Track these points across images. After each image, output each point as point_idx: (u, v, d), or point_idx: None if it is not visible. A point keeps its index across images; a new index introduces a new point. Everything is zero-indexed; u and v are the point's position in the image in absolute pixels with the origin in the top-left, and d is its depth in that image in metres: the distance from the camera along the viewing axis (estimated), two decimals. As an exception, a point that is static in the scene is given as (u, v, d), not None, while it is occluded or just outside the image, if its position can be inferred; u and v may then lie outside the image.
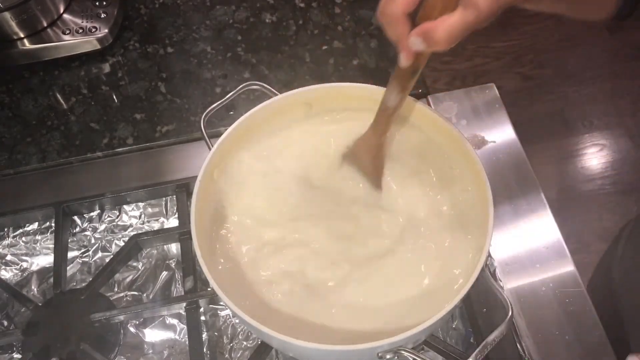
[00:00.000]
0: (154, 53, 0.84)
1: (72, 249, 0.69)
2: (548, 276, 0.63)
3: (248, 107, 0.58)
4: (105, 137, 0.76)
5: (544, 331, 0.60)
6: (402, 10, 0.43)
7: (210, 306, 0.64)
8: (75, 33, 0.80)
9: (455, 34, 0.41)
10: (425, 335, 0.53)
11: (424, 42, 0.42)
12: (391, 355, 0.46)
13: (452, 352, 0.56)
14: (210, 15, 0.87)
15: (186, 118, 0.78)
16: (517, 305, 0.61)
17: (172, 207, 0.71)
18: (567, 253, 0.64)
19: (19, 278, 0.68)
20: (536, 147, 1.57)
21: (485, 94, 0.77)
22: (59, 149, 0.75)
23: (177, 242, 0.68)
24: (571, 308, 0.61)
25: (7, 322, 0.65)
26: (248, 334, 0.63)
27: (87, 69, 0.83)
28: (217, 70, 0.82)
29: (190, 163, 0.73)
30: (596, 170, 1.74)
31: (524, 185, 0.69)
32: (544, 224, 0.66)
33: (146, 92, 0.80)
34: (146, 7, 0.88)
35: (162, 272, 0.67)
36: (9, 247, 0.69)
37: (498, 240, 0.65)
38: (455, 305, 0.46)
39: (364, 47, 0.82)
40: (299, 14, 0.87)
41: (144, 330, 0.64)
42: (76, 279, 0.67)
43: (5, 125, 0.78)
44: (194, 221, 0.51)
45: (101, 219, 0.71)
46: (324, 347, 0.45)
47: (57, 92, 0.81)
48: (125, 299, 0.66)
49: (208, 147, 0.57)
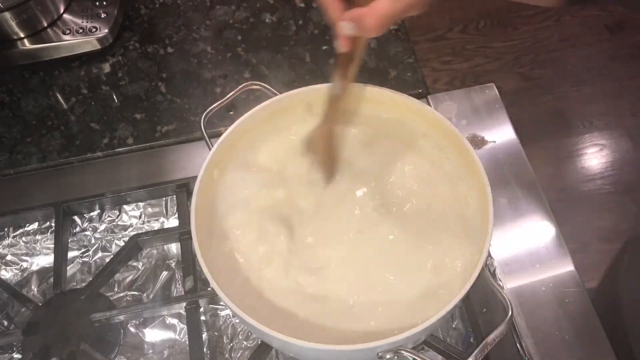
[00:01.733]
0: (154, 53, 0.84)
1: (72, 249, 0.69)
2: (548, 276, 0.63)
3: (248, 107, 0.58)
4: (105, 137, 0.76)
5: (544, 331, 0.60)
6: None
7: (210, 306, 0.64)
8: (75, 33, 0.80)
9: (384, 21, 0.42)
10: (425, 335, 0.53)
11: (354, 28, 0.43)
12: (391, 355, 0.46)
13: (452, 352, 0.56)
14: (210, 15, 0.87)
15: (186, 118, 0.78)
16: (517, 305, 0.61)
17: (172, 207, 0.71)
18: (567, 253, 0.64)
19: (19, 278, 0.68)
20: (536, 147, 1.57)
21: (485, 94, 0.77)
22: (59, 149, 0.75)
23: (177, 242, 0.68)
24: (571, 308, 0.61)
25: (7, 322, 0.65)
26: (248, 334, 0.63)
27: (87, 69, 0.83)
28: (217, 70, 0.82)
29: (190, 163, 0.73)
30: (596, 170, 1.73)
31: (524, 186, 0.69)
32: (544, 224, 0.66)
33: (146, 92, 0.80)
34: (146, 7, 0.88)
35: (162, 272, 0.67)
36: (9, 247, 0.69)
37: (498, 240, 0.65)
38: (455, 305, 0.46)
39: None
40: (299, 14, 0.87)
41: (144, 330, 0.64)
42: (76, 279, 0.67)
43: (5, 125, 0.78)
44: (194, 221, 0.51)
45: (101, 219, 0.71)
46: (324, 347, 0.45)
47: (57, 92, 0.81)
48: (125, 299, 0.66)
49: (208, 147, 0.58)
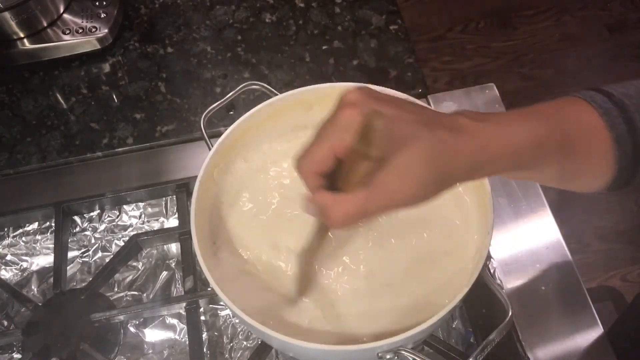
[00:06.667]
0: (154, 53, 0.84)
1: (72, 249, 0.69)
2: (548, 276, 0.63)
3: (248, 107, 0.58)
4: (105, 137, 0.76)
5: (544, 331, 0.60)
6: (309, 169, 0.40)
7: (210, 306, 0.64)
8: (75, 33, 0.80)
9: (347, 220, 0.37)
10: (425, 335, 0.53)
11: (318, 214, 0.40)
12: (391, 355, 0.46)
13: (452, 352, 0.56)
14: (210, 15, 0.87)
15: (186, 118, 0.78)
16: (517, 305, 0.61)
17: (172, 207, 0.71)
18: (567, 253, 0.64)
19: (19, 278, 0.68)
20: (536, 147, 1.57)
21: (485, 94, 0.77)
22: (59, 149, 0.75)
23: (177, 242, 0.68)
24: (571, 308, 0.61)
25: (7, 322, 0.65)
26: (248, 334, 0.63)
27: (87, 69, 0.83)
28: (217, 70, 0.82)
29: (190, 163, 0.73)
30: (596, 170, 1.73)
31: (524, 185, 0.69)
32: (544, 224, 0.66)
33: (146, 92, 0.80)
34: (146, 7, 0.88)
35: (162, 272, 0.67)
36: (9, 247, 0.69)
37: (498, 240, 0.65)
38: (455, 305, 0.46)
39: (363, 47, 0.82)
40: (299, 14, 0.87)
41: (144, 330, 0.64)
42: (76, 279, 0.67)
43: (5, 125, 0.78)
44: (194, 221, 0.51)
45: (101, 219, 0.71)
46: (324, 347, 0.45)
47: (57, 92, 0.81)
48: (125, 299, 0.66)
49: (208, 147, 0.57)
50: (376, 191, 0.36)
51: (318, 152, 0.39)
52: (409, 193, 0.36)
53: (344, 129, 0.37)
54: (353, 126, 0.36)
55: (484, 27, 2.01)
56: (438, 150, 0.35)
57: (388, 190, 0.35)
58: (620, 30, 2.00)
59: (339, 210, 0.37)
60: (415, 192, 0.36)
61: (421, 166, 0.35)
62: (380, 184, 0.35)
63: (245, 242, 0.56)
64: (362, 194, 0.36)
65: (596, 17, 2.03)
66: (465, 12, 2.03)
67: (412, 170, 0.35)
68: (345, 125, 0.37)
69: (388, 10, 0.85)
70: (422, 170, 0.35)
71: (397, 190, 0.35)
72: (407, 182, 0.35)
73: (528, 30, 2.02)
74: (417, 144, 0.35)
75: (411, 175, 0.35)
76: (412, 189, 0.35)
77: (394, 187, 0.35)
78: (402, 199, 0.36)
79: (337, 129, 0.38)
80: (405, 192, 0.35)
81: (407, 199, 0.36)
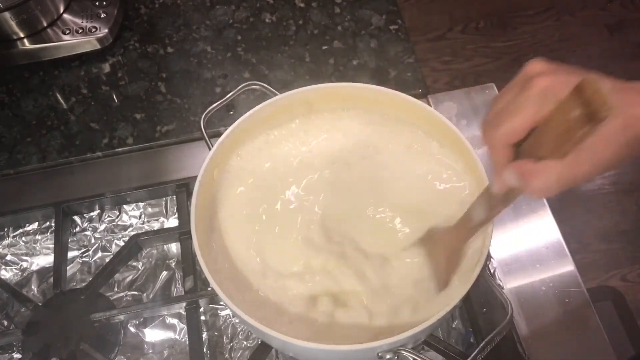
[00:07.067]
0: (154, 53, 0.84)
1: (72, 249, 0.69)
2: (548, 276, 0.63)
3: (248, 107, 0.58)
4: (105, 137, 0.76)
5: (544, 331, 0.60)
6: (505, 141, 0.38)
7: (210, 306, 0.64)
8: (75, 33, 0.80)
9: (552, 187, 0.36)
10: (425, 335, 0.53)
11: (519, 182, 0.38)
12: (391, 355, 0.46)
13: (452, 352, 0.56)
14: (210, 15, 0.87)
15: (186, 118, 0.78)
16: (517, 305, 0.61)
17: (172, 207, 0.71)
18: (567, 253, 0.64)
19: (19, 278, 0.68)
20: (536, 147, 1.57)
21: (485, 94, 0.77)
22: (59, 149, 0.75)
23: (177, 242, 0.68)
24: (571, 308, 0.61)
25: (7, 322, 0.65)
26: (248, 334, 0.63)
27: (87, 69, 0.83)
28: (217, 70, 0.82)
29: (190, 163, 0.73)
30: (596, 170, 1.73)
31: (524, 185, 0.69)
32: (544, 224, 0.66)
33: (146, 92, 0.80)
34: (146, 7, 0.88)
35: (162, 272, 0.67)
36: (9, 247, 0.69)
37: (498, 240, 0.65)
38: (455, 305, 0.46)
39: (363, 47, 0.82)
40: (299, 14, 0.87)
41: (144, 330, 0.64)
42: (76, 279, 0.67)
43: (5, 125, 0.78)
44: (194, 221, 0.51)
45: (101, 219, 0.71)
46: (324, 347, 0.45)
47: (57, 92, 0.81)
48: (125, 299, 0.66)
49: (208, 147, 0.58)
50: (583, 156, 0.35)
51: (516, 122, 0.38)
52: (613, 159, 0.35)
53: (544, 98, 0.36)
54: (556, 95, 0.36)
55: (484, 27, 2.01)
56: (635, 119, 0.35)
57: (594, 156, 0.35)
58: (621, 30, 2.00)
59: (546, 177, 0.36)
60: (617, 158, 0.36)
61: (624, 132, 0.35)
62: (588, 148, 0.35)
63: (245, 242, 0.56)
64: (569, 159, 0.35)
65: (596, 17, 2.03)
66: (465, 12, 2.03)
67: (617, 136, 0.35)
68: (545, 94, 0.36)
69: (388, 10, 0.85)
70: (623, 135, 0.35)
71: (602, 157, 0.35)
72: (612, 148, 0.35)
73: (528, 30, 2.02)
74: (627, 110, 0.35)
75: (617, 142, 0.35)
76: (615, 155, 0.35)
77: (601, 153, 0.35)
78: (605, 166, 0.36)
79: (537, 99, 0.37)
80: (609, 159, 0.35)
81: (609, 166, 0.36)
